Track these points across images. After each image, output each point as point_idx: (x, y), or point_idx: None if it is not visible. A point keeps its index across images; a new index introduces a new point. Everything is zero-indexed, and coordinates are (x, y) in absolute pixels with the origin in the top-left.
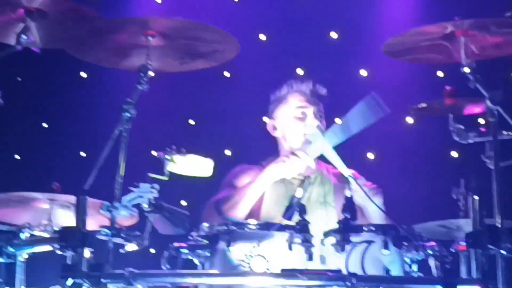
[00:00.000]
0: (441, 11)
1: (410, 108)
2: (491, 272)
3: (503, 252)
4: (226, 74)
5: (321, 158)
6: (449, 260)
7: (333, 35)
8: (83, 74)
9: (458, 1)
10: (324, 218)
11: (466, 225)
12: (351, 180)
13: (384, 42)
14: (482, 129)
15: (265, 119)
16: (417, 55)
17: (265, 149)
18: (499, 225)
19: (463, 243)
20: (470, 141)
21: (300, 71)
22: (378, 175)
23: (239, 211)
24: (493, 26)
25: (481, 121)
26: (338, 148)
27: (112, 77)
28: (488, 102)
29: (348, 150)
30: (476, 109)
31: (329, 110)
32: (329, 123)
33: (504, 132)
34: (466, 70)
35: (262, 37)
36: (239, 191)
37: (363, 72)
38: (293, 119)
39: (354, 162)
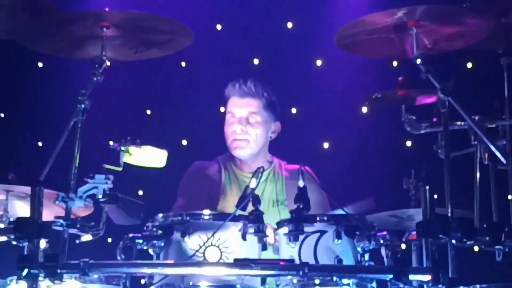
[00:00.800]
0: (398, 1)
1: (365, 99)
2: (442, 261)
3: (453, 241)
4: (183, 64)
5: (274, 153)
6: (400, 249)
7: (289, 25)
8: (39, 64)
9: None
10: (276, 217)
11: (417, 214)
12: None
13: (336, 33)
14: (434, 120)
15: (222, 110)
16: (369, 48)
17: (221, 139)
18: (450, 215)
19: (414, 233)
20: (422, 131)
21: (256, 61)
22: (333, 165)
23: None
24: (446, 15)
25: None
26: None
27: (69, 67)
28: (440, 93)
29: (304, 140)
30: (428, 99)
31: (285, 100)
32: (286, 112)
33: (456, 123)
34: (418, 61)
35: (218, 27)
36: None
37: (319, 62)
38: (226, 123)
39: (309, 152)
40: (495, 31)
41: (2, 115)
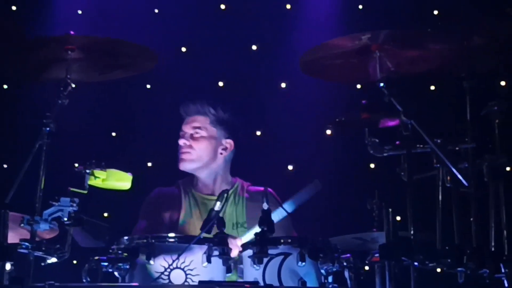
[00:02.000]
0: (362, 26)
1: (328, 122)
2: (404, 283)
3: (416, 263)
4: (148, 86)
5: (237, 174)
6: (364, 271)
7: (254, 47)
8: (4, 86)
9: (381, 18)
10: None
11: (381, 237)
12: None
13: (300, 58)
14: (397, 143)
15: None
16: (333, 72)
17: None
18: (412, 237)
19: (378, 255)
20: (385, 154)
21: (220, 83)
22: (297, 187)
23: None
24: (409, 40)
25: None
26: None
27: (33, 89)
28: (402, 116)
29: (269, 162)
30: (391, 123)
31: (250, 122)
32: (250, 134)
33: (418, 146)
34: (381, 84)
35: (183, 49)
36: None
37: (283, 85)
38: None
39: (274, 174)
40: (458, 55)
41: None
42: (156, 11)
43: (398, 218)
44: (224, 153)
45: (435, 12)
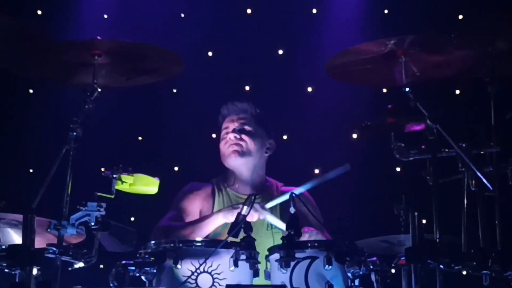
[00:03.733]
0: (387, 30)
1: (354, 126)
2: (430, 285)
3: (441, 266)
4: (174, 90)
5: (271, 174)
6: (390, 274)
7: (280, 51)
8: (30, 90)
9: (407, 23)
10: (270, 240)
11: (407, 240)
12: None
13: (326, 62)
14: (423, 147)
15: (214, 136)
16: (359, 76)
17: (213, 166)
18: (438, 240)
19: (404, 258)
20: (411, 158)
21: (247, 88)
22: (324, 191)
23: None
24: (434, 45)
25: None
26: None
27: (59, 93)
28: (428, 121)
29: (296, 165)
30: (417, 127)
31: (276, 127)
32: (277, 138)
33: (444, 150)
34: (407, 89)
35: (210, 53)
36: (191, 224)
37: (309, 89)
38: (221, 140)
39: (301, 177)
40: (482, 60)
41: None
42: (182, 15)
43: (424, 221)
44: (268, 152)
45: (460, 17)
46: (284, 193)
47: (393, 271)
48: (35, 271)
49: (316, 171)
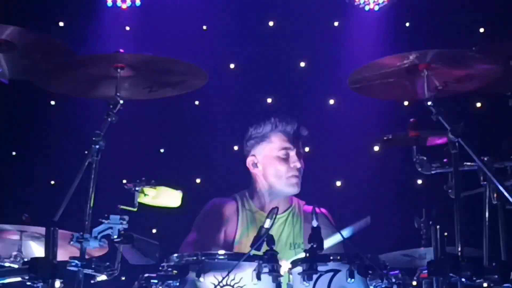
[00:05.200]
0: (409, 43)
1: (376, 139)
2: None
3: (463, 279)
4: (196, 102)
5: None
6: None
7: (302, 64)
8: (52, 102)
9: (428, 35)
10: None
11: (428, 253)
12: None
13: (349, 76)
14: (445, 160)
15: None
16: (381, 90)
17: (235, 178)
18: (459, 254)
19: (426, 271)
20: (433, 171)
21: (269, 100)
22: (345, 203)
23: None
24: (456, 59)
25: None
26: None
27: (81, 105)
28: (450, 135)
29: (317, 178)
30: (439, 141)
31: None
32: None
33: (465, 163)
34: (429, 103)
35: (232, 66)
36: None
37: (331, 101)
38: (276, 159)
39: (322, 190)
40: (503, 74)
41: (14, 153)
42: (205, 28)
43: (446, 234)
44: None
45: (481, 30)
46: (306, 213)
47: (414, 284)
48: (57, 284)
49: (338, 183)
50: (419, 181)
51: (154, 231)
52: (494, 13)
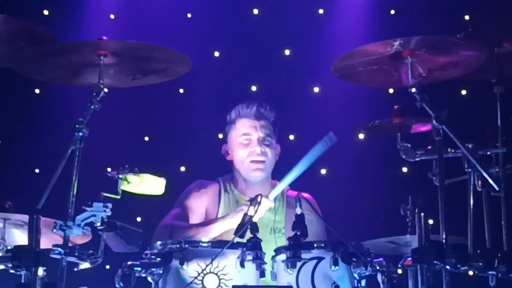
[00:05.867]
0: (394, 31)
1: (361, 127)
2: (437, 286)
3: (448, 267)
4: (181, 90)
5: (277, 175)
6: (397, 275)
7: (286, 52)
8: (36, 91)
9: (413, 22)
10: (273, 245)
11: (414, 241)
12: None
13: (333, 63)
14: (429, 147)
15: (220, 136)
16: (365, 77)
17: (219, 166)
18: (444, 241)
19: (410, 259)
20: (417, 159)
21: (253, 88)
22: (330, 191)
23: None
24: (440, 45)
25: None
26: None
27: (65, 93)
28: (434, 122)
29: None
30: (423, 128)
31: (283, 127)
32: (283, 138)
33: (450, 150)
34: (413, 90)
35: (216, 53)
36: (196, 226)
37: (316, 89)
38: (238, 145)
39: (307, 178)
40: (488, 61)
41: None
42: (189, 16)
43: (431, 221)
44: (277, 158)
45: (466, 17)
46: (289, 198)
47: (399, 271)
48: (40, 271)
49: (323, 171)
50: (404, 169)
51: (138, 219)
52: (479, 0)
